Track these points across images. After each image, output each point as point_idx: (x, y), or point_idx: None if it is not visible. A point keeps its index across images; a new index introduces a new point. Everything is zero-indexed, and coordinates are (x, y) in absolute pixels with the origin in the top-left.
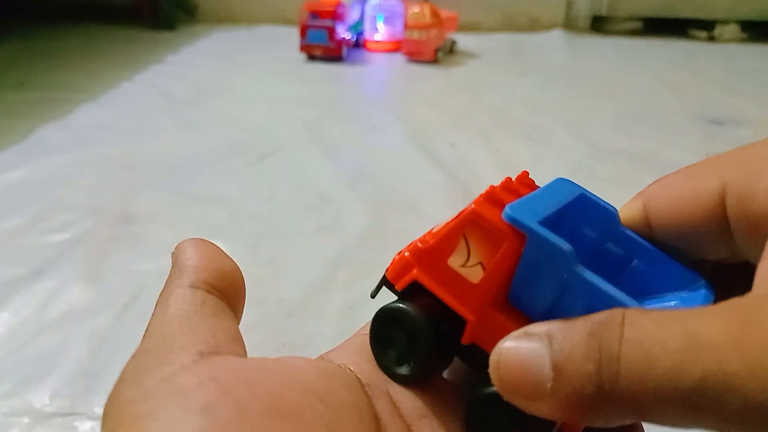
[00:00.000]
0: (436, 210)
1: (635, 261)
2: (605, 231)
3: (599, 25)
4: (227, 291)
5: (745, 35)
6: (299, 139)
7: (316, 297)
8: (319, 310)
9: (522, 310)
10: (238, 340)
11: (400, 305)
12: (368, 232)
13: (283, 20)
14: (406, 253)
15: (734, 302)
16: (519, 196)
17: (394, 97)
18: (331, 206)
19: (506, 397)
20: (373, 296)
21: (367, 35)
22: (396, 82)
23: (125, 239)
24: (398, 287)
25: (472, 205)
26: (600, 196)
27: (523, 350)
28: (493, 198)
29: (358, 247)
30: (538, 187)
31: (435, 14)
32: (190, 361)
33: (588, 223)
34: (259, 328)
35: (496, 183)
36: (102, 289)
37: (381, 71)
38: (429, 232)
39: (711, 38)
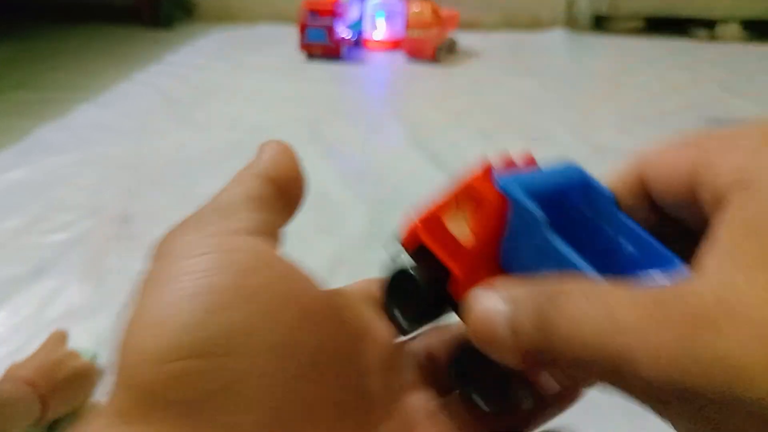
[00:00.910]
0: None
1: (622, 240)
2: (601, 212)
3: (600, 23)
4: (287, 189)
5: (746, 34)
6: (299, 139)
7: None
8: None
9: (510, 274)
10: (276, 235)
11: (405, 266)
12: (368, 232)
13: (283, 19)
14: (415, 219)
15: (656, 288)
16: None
17: (394, 96)
18: (332, 206)
19: (478, 347)
20: (389, 258)
21: (366, 34)
22: (396, 81)
23: (125, 239)
24: (409, 249)
25: (468, 178)
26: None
27: (491, 312)
28: (487, 172)
29: (358, 246)
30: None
31: (435, 13)
32: (218, 231)
33: (586, 204)
34: None
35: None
36: (101, 289)
37: (381, 70)
38: (434, 201)
39: (712, 37)
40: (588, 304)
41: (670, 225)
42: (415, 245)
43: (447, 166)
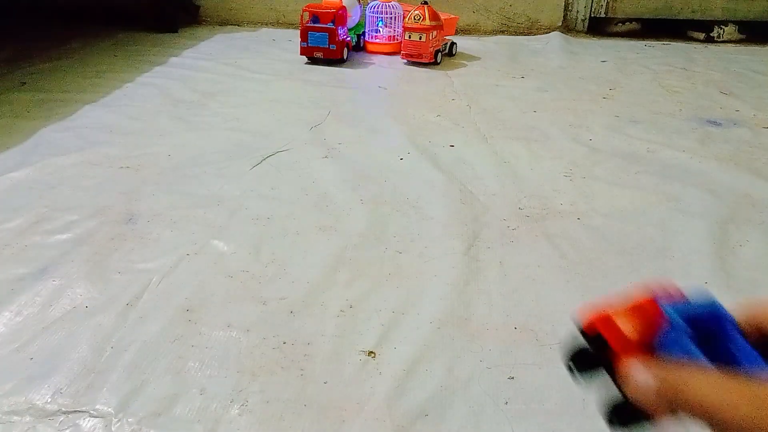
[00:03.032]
0: (436, 210)
1: (735, 350)
2: (724, 330)
3: (597, 26)
4: None
5: (742, 36)
6: (301, 141)
7: (317, 296)
8: (320, 309)
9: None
10: None
11: (583, 344)
12: (368, 232)
13: (285, 23)
14: (592, 314)
15: (749, 380)
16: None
17: (394, 98)
18: (332, 206)
19: (631, 400)
20: (572, 336)
21: (367, 37)
22: (396, 83)
23: (128, 239)
24: (586, 333)
25: (640, 299)
26: (597, 198)
27: (640, 377)
28: (653, 297)
29: (359, 246)
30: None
31: (435, 17)
32: None
33: (715, 323)
34: (260, 326)
35: (496, 184)
36: (105, 289)
37: (381, 73)
38: (607, 306)
39: (709, 39)
40: (705, 383)
41: None
42: (591, 331)
43: (446, 167)
